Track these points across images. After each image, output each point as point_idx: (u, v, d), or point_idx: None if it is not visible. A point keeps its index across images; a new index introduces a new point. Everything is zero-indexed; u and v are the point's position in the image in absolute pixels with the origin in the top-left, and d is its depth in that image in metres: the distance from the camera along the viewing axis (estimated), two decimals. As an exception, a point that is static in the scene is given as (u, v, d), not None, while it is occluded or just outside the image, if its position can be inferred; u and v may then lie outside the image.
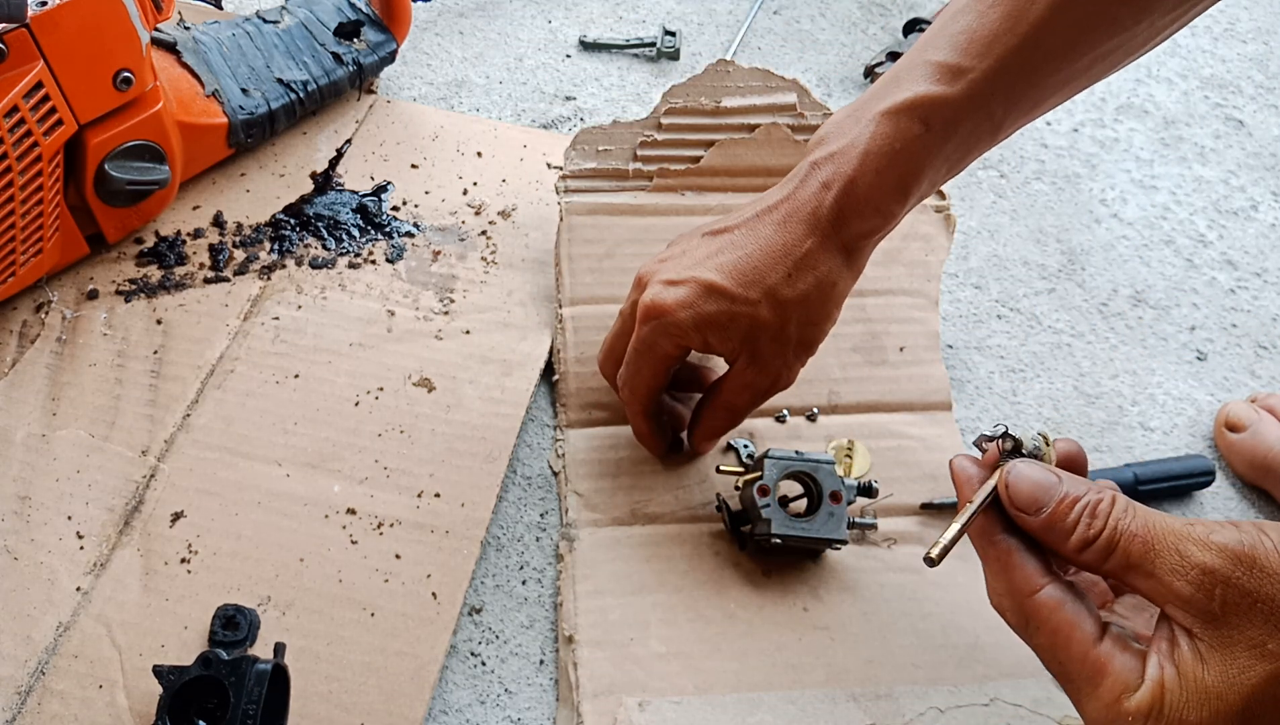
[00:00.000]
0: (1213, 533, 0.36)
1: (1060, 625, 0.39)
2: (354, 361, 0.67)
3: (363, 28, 0.81)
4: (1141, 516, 0.38)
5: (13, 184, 0.60)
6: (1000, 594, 0.42)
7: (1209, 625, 0.36)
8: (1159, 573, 0.37)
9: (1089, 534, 0.39)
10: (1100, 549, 0.39)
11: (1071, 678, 0.39)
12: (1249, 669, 0.35)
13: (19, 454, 0.61)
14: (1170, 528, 0.37)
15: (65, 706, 0.52)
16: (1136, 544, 0.38)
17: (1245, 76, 0.95)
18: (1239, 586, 0.35)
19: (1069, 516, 0.40)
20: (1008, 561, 0.41)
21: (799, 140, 0.74)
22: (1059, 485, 0.41)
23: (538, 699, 0.57)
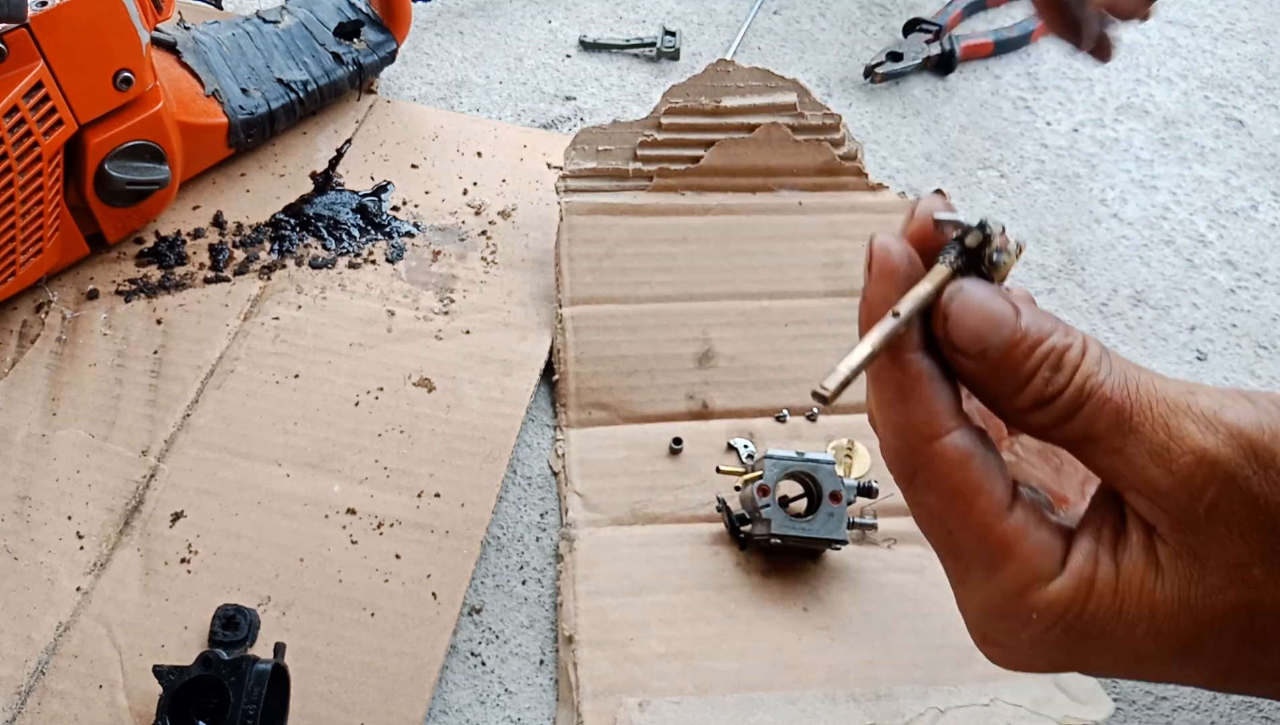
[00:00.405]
0: (1223, 408, 0.27)
1: (961, 486, 0.29)
2: (354, 361, 0.67)
3: (363, 28, 0.81)
4: (1120, 373, 0.28)
5: (13, 184, 0.60)
6: (891, 431, 0.30)
7: (1182, 529, 0.27)
8: (1130, 452, 0.27)
9: (1046, 391, 0.28)
10: (1058, 411, 0.28)
11: (962, 553, 0.30)
12: (1217, 593, 0.26)
13: (19, 454, 0.61)
14: (1160, 394, 0.27)
15: (65, 706, 0.52)
16: (1108, 410, 0.27)
17: (1245, 76, 0.95)
18: (1244, 489, 0.26)
19: (1024, 365, 0.28)
20: (911, 391, 0.29)
21: (799, 140, 0.74)
22: (1014, 320, 0.28)
23: (538, 699, 0.57)
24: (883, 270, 0.29)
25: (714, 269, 0.71)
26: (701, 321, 0.69)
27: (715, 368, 0.68)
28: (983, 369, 0.28)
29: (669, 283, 0.71)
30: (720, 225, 0.73)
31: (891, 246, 0.29)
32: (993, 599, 0.29)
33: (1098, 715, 0.53)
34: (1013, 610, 0.29)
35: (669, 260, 0.71)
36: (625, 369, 0.67)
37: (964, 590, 0.31)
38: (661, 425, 0.66)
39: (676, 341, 0.69)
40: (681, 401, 0.67)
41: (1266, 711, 0.58)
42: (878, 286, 0.29)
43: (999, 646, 0.30)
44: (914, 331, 0.29)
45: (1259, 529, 0.26)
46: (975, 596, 0.30)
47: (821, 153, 0.74)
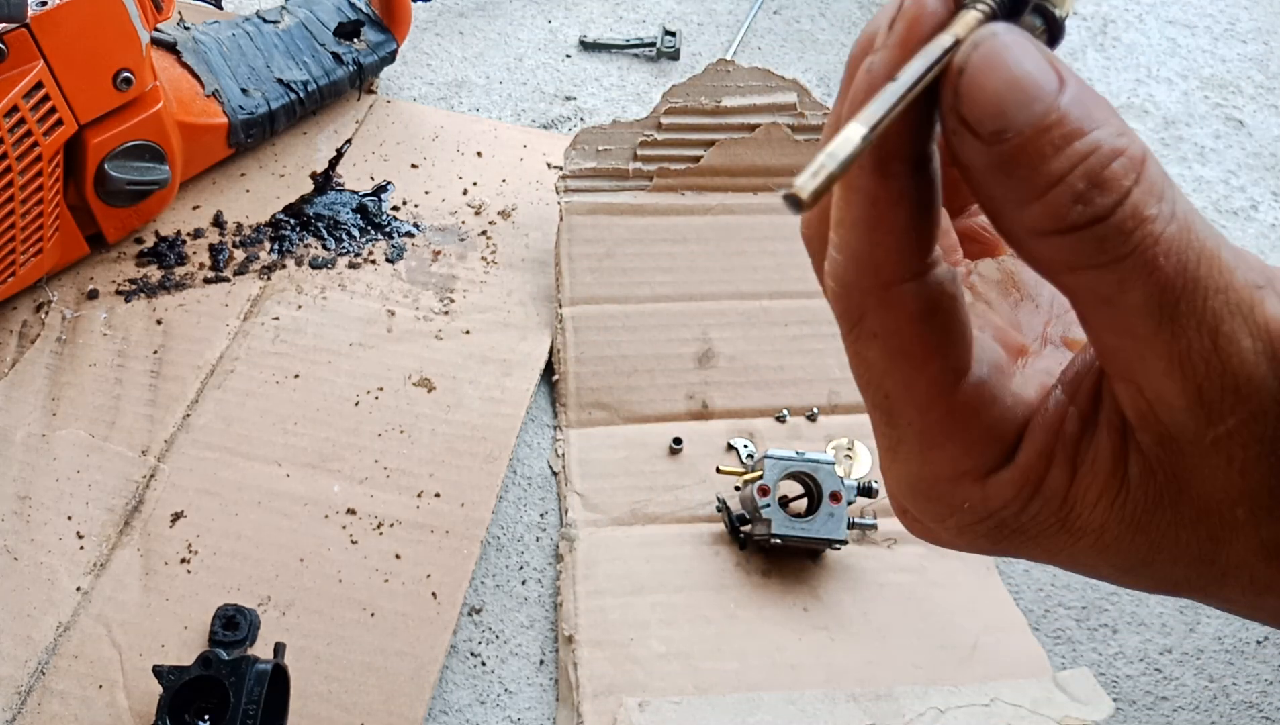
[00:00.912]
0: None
1: (912, 346, 0.23)
2: (354, 361, 0.67)
3: (363, 28, 0.81)
4: (1183, 225, 0.20)
5: (13, 184, 0.60)
6: (847, 256, 0.23)
7: (1173, 448, 0.21)
8: (1155, 346, 0.20)
9: (1072, 213, 0.19)
10: (1080, 249, 0.20)
11: (896, 420, 0.24)
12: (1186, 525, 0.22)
13: (19, 454, 0.61)
14: (1225, 280, 0.20)
15: (65, 706, 0.52)
16: (1154, 279, 0.19)
17: (1245, 76, 0.95)
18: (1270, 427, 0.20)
19: (1050, 161, 0.19)
20: (884, 215, 0.22)
21: (799, 140, 0.74)
22: (1054, 93, 0.19)
23: (538, 699, 0.57)
24: (911, 32, 0.20)
25: (714, 269, 0.71)
26: (701, 321, 0.69)
27: (715, 368, 0.68)
28: (995, 158, 0.20)
29: (669, 283, 0.71)
30: (720, 225, 0.73)
31: (929, 1, 0.21)
32: (923, 478, 0.24)
33: (1098, 715, 0.53)
34: (942, 494, 0.24)
35: (669, 260, 0.71)
36: (625, 369, 0.67)
37: (891, 459, 0.25)
38: (661, 425, 0.66)
39: (676, 341, 0.69)
40: (681, 401, 0.67)
41: (1267, 712, 0.58)
42: (894, 53, 0.21)
43: (919, 523, 0.26)
44: (907, 131, 0.21)
45: (1263, 471, 0.21)
46: (903, 470, 0.25)
47: (821, 153, 0.74)
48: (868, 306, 0.23)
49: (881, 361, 0.24)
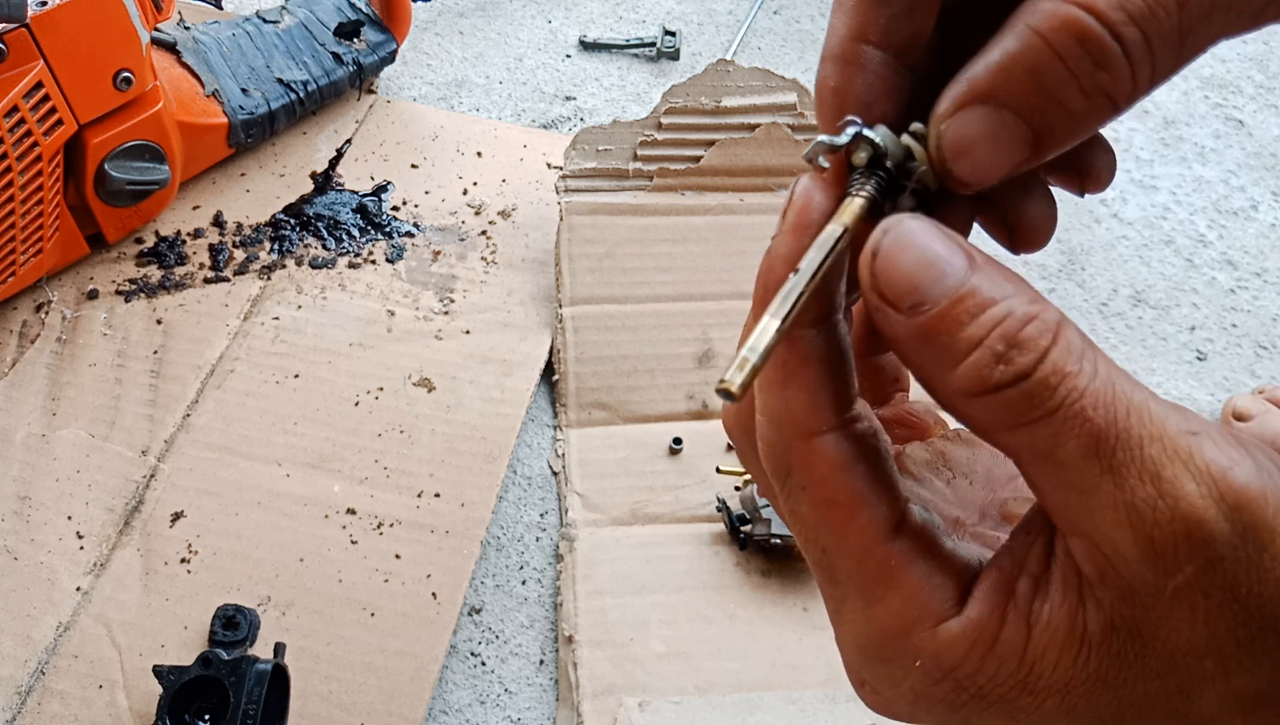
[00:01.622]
0: (1232, 466, 0.20)
1: (839, 495, 0.23)
2: (354, 361, 0.67)
3: (363, 28, 0.81)
4: (1105, 381, 0.20)
5: (13, 184, 0.60)
6: (767, 417, 0.24)
7: (1131, 603, 0.21)
8: (1100, 498, 0.20)
9: (994, 373, 0.20)
10: (1008, 408, 0.20)
11: (837, 577, 0.24)
12: (1154, 678, 0.21)
13: (19, 454, 0.61)
14: (1157, 428, 0.20)
15: (65, 706, 0.52)
16: (1084, 432, 0.20)
17: (1245, 76, 0.95)
18: (1227, 573, 0.20)
19: (965, 328, 0.21)
20: (795, 375, 0.23)
21: (799, 140, 0.74)
22: (965, 269, 0.21)
23: (538, 699, 0.57)
24: (801, 220, 0.23)
25: (714, 269, 0.71)
26: (701, 321, 0.69)
27: (715, 368, 0.68)
28: (916, 329, 0.21)
29: (669, 283, 0.71)
30: (720, 225, 0.73)
31: (815, 193, 0.23)
32: (871, 637, 0.24)
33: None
34: (893, 653, 0.23)
35: (669, 260, 0.71)
36: (625, 369, 0.67)
37: (840, 622, 0.25)
38: (661, 425, 0.66)
39: (676, 341, 0.69)
40: (681, 401, 0.67)
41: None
42: (788, 239, 0.23)
43: (876, 693, 0.25)
44: (818, 293, 0.23)
45: (1228, 619, 0.20)
46: (851, 632, 0.24)
47: (821, 153, 0.74)
48: (792, 461, 0.24)
49: (812, 514, 0.24)
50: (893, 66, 0.24)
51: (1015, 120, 0.22)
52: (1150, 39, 0.21)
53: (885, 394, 0.31)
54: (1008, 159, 0.23)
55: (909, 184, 0.24)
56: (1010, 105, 0.22)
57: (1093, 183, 0.29)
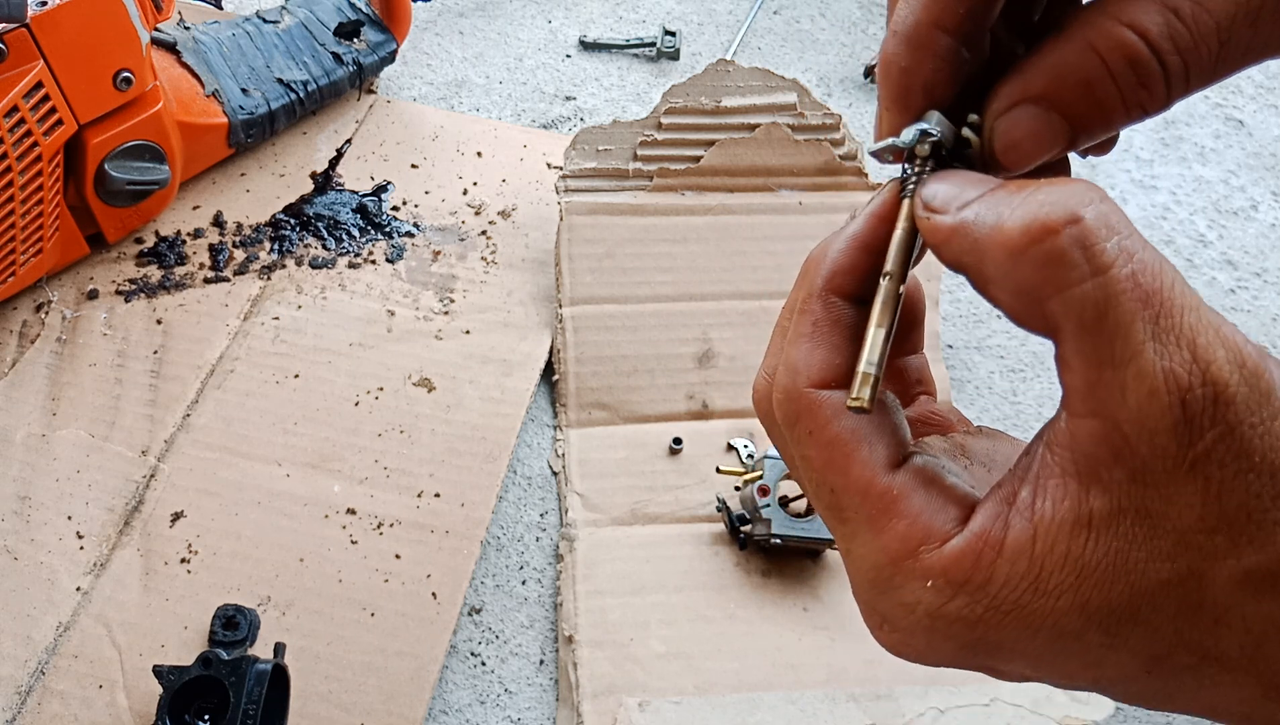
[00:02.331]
0: (1245, 343, 0.21)
1: (843, 434, 0.25)
2: (354, 361, 0.67)
3: (363, 28, 0.81)
4: (1153, 254, 0.21)
5: (13, 184, 0.60)
6: (785, 366, 0.27)
7: (1145, 480, 0.21)
8: (1140, 365, 0.20)
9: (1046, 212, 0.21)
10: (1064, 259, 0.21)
11: (845, 513, 0.26)
12: (1164, 559, 0.21)
13: (19, 454, 0.61)
14: (1192, 299, 0.21)
15: (65, 706, 0.52)
16: (1133, 297, 0.20)
17: (1245, 76, 0.95)
18: (1243, 441, 0.20)
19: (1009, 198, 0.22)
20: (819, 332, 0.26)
21: (799, 140, 0.74)
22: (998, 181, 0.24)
23: (538, 699, 0.57)
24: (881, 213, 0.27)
25: (714, 269, 0.71)
26: (701, 321, 0.69)
27: (715, 368, 0.68)
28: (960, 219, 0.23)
29: (669, 283, 0.71)
30: (720, 225, 0.73)
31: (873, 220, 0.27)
32: (882, 565, 0.24)
33: (1098, 715, 0.53)
34: (904, 577, 0.24)
35: (669, 260, 0.71)
36: (625, 369, 0.67)
37: (852, 560, 0.26)
38: (661, 425, 0.66)
39: (676, 341, 0.69)
40: (681, 401, 0.67)
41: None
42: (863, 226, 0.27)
43: (894, 628, 0.25)
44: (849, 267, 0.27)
45: (1240, 490, 0.20)
46: (861, 566, 0.25)
47: (821, 153, 0.74)
48: (801, 407, 0.26)
49: (819, 456, 0.26)
50: (958, 52, 0.26)
51: (1060, 121, 0.25)
52: (1189, 67, 0.24)
53: (910, 396, 0.32)
54: (1047, 151, 0.26)
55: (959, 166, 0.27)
56: (1059, 108, 0.25)
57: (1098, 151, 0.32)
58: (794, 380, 0.26)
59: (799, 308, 0.27)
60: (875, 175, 0.82)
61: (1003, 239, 0.22)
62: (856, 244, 0.26)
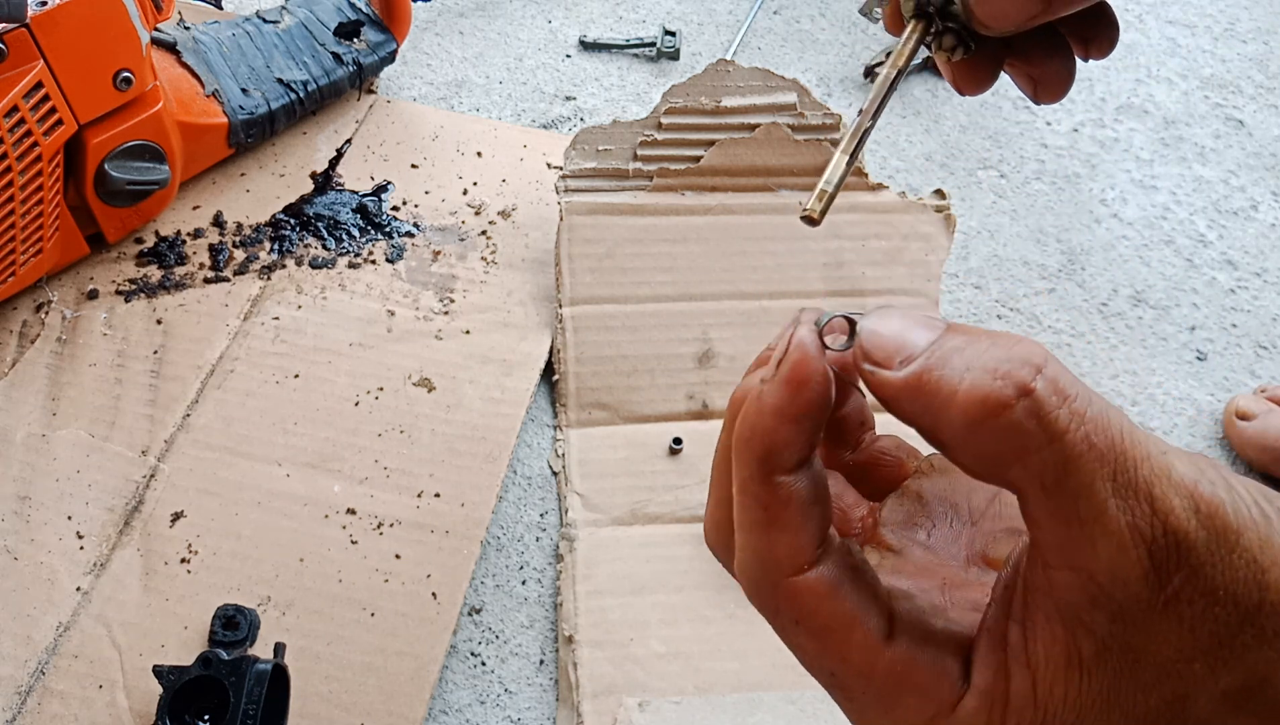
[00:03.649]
0: (1200, 479, 0.22)
1: (832, 622, 0.25)
2: (354, 361, 0.67)
3: (363, 28, 0.81)
4: (1098, 401, 0.22)
5: (13, 184, 0.60)
6: (750, 555, 0.26)
7: (1125, 621, 0.22)
8: (1102, 522, 0.21)
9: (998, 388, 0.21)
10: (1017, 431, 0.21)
11: (852, 693, 0.26)
12: (1150, 689, 0.23)
13: (19, 454, 0.61)
14: (1144, 449, 0.22)
15: (65, 706, 0.52)
16: (1089, 458, 0.21)
17: (1245, 76, 0.95)
18: (1207, 578, 0.21)
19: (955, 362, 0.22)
20: (778, 517, 0.25)
21: (799, 140, 0.74)
22: (944, 327, 0.23)
23: (538, 699, 0.57)
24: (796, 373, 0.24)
25: (714, 269, 0.71)
26: (701, 321, 0.69)
27: (715, 368, 0.68)
28: (908, 378, 0.22)
29: (669, 283, 0.71)
30: (720, 225, 0.73)
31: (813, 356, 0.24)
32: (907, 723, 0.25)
33: None
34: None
35: (669, 260, 0.71)
36: (625, 369, 0.67)
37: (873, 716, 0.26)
38: (661, 425, 0.66)
39: (676, 341, 0.69)
40: (681, 401, 0.67)
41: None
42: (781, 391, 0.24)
43: None
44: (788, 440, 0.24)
45: (1210, 622, 0.22)
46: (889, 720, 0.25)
47: (821, 153, 0.74)
48: (779, 598, 0.25)
49: (811, 644, 0.25)
50: None
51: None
52: None
53: (855, 438, 0.32)
54: (1023, 10, 0.28)
55: (949, 25, 0.29)
56: None
57: (1095, 49, 0.35)
58: (765, 574, 0.25)
59: (742, 488, 0.25)
60: (875, 175, 0.82)
61: (958, 412, 0.22)
62: (783, 418, 0.24)
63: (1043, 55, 0.34)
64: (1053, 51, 0.34)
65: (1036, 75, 0.34)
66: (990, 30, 0.29)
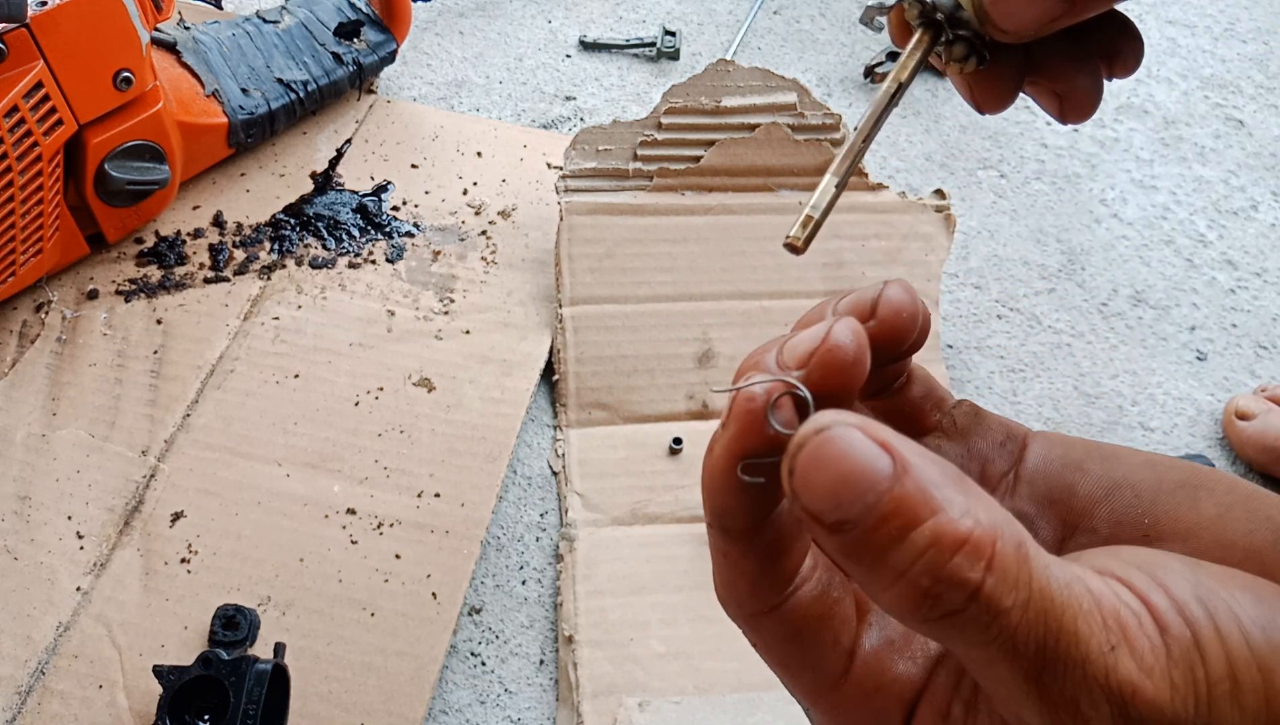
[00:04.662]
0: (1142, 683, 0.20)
1: (789, 660, 0.25)
2: (354, 361, 0.67)
3: (363, 28, 0.81)
4: (1040, 598, 0.20)
5: (13, 184, 0.60)
6: (718, 585, 0.26)
7: None
8: (1025, 712, 0.20)
9: (929, 609, 0.19)
10: (942, 634, 0.20)
11: (808, 707, 0.27)
12: None
13: (19, 454, 0.61)
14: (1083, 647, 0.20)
15: (65, 706, 0.52)
16: (1017, 664, 0.20)
17: (1245, 76, 0.95)
18: None
19: (894, 551, 0.19)
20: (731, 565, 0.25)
21: (799, 140, 0.74)
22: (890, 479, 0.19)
23: (538, 699, 0.57)
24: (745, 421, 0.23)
25: (714, 269, 0.71)
26: (701, 321, 0.69)
27: (715, 368, 0.68)
28: (840, 546, 0.20)
29: (669, 283, 0.71)
30: (720, 225, 0.73)
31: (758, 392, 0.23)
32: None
33: None
34: None
35: (669, 260, 0.71)
36: (625, 369, 0.67)
37: None
38: (661, 425, 0.66)
39: (676, 341, 0.69)
40: (681, 401, 0.67)
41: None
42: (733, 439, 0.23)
43: None
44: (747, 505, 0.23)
45: None
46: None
47: (821, 153, 0.74)
48: (743, 626, 0.26)
49: (773, 663, 0.26)
50: None
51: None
52: None
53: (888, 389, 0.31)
54: (1044, 10, 0.25)
55: (960, 33, 0.26)
56: None
57: (1120, 66, 0.31)
58: (729, 603, 0.26)
59: (708, 526, 0.25)
60: (875, 175, 0.82)
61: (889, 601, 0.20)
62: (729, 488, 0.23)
63: (1070, 69, 0.31)
64: (1079, 65, 0.31)
65: (1062, 91, 0.31)
66: (1007, 36, 0.26)
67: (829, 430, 0.20)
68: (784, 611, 0.25)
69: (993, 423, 0.30)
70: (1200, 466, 0.27)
